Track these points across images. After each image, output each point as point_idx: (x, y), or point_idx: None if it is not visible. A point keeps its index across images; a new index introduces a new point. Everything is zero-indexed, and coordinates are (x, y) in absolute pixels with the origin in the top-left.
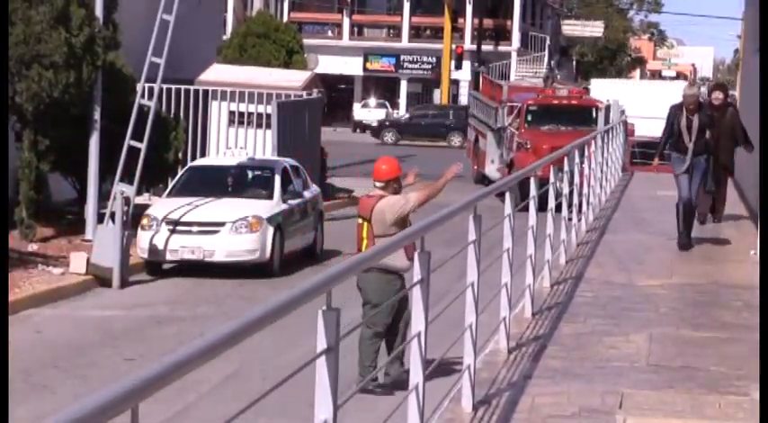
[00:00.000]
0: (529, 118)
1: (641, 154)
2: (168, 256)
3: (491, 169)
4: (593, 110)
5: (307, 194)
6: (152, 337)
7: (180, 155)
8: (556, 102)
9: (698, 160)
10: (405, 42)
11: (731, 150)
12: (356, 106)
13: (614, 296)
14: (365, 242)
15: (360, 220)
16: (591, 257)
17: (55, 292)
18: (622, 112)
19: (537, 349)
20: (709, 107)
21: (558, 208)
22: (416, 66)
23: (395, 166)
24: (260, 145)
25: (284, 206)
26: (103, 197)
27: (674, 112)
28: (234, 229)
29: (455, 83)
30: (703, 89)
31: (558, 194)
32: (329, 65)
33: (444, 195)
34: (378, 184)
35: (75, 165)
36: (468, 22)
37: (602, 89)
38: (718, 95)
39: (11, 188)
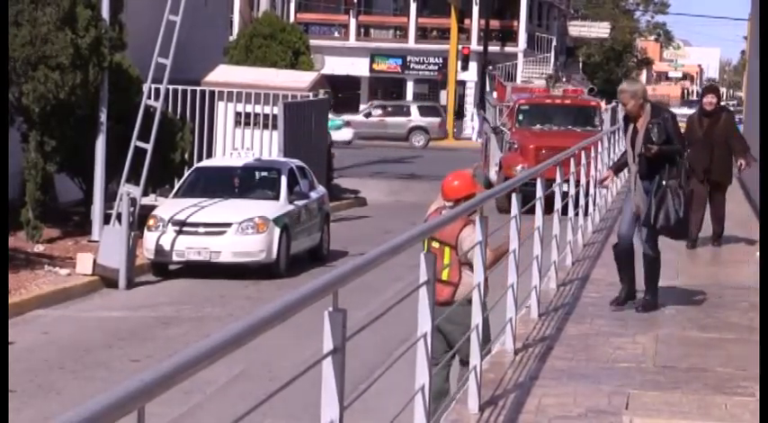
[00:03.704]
0: (520, 117)
1: None
2: (174, 257)
3: (493, 172)
4: (591, 110)
5: (313, 195)
6: (158, 338)
7: (186, 156)
8: (549, 101)
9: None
10: (411, 43)
11: (727, 162)
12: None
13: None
14: (447, 270)
15: (437, 245)
16: (597, 258)
17: (61, 293)
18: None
19: (543, 350)
20: (702, 112)
21: (565, 209)
22: (423, 67)
23: (468, 183)
24: (266, 146)
25: (290, 207)
26: (110, 198)
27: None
28: (240, 229)
29: (461, 84)
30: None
31: (565, 196)
32: (336, 66)
33: None
34: (448, 203)
35: (82, 165)
36: (475, 22)
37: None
38: (710, 99)
39: (17, 189)
